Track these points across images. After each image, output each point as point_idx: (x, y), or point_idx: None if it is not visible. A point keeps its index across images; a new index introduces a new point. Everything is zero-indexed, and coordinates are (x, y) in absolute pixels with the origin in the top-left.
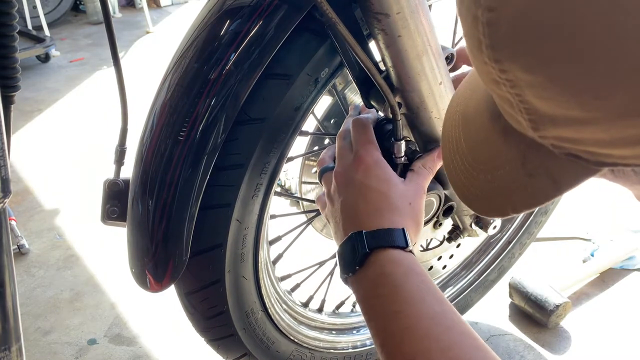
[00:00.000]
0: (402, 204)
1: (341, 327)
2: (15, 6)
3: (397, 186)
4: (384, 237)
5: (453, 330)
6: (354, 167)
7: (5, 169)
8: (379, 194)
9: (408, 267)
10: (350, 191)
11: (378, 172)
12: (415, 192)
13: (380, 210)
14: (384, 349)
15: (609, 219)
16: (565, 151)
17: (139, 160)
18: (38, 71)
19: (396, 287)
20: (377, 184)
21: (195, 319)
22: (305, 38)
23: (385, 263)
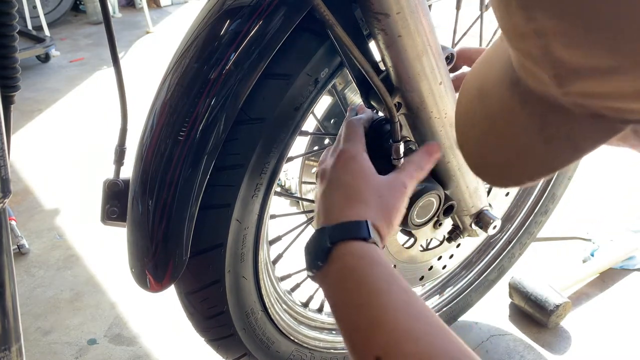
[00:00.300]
0: (371, 196)
1: None
2: (15, 6)
3: (369, 179)
4: (345, 229)
5: (421, 320)
6: (333, 164)
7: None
8: (349, 187)
9: (371, 258)
10: (327, 186)
11: (353, 167)
12: (391, 186)
13: (348, 204)
14: (353, 346)
15: (609, 219)
16: (587, 110)
17: (139, 160)
18: (38, 71)
19: (360, 280)
20: (350, 179)
21: (195, 319)
22: (305, 38)
23: (347, 256)
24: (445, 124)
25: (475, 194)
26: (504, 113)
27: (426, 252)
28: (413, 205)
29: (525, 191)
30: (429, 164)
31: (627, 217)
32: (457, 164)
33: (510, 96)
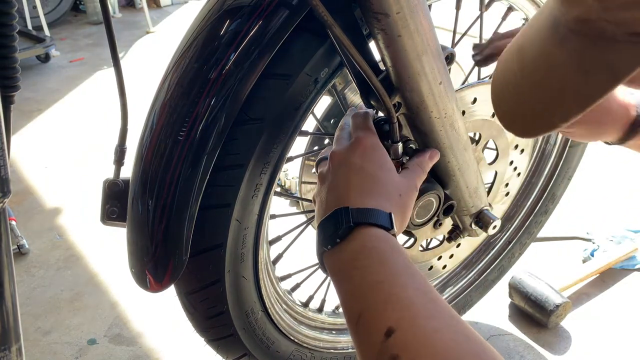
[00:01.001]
0: (394, 193)
1: (341, 327)
2: (15, 6)
3: (391, 174)
4: (370, 215)
5: (438, 303)
6: (351, 149)
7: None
8: (373, 177)
9: (392, 245)
10: (344, 170)
11: (375, 157)
12: (408, 186)
13: (371, 192)
14: (362, 320)
15: (609, 219)
16: (626, 28)
17: (139, 160)
18: (38, 71)
19: (380, 259)
20: (372, 168)
21: (195, 319)
22: (305, 38)
23: (368, 237)
24: (445, 123)
25: (475, 194)
26: (542, 59)
27: (426, 252)
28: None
29: (525, 191)
30: (429, 167)
31: (627, 217)
32: (457, 163)
33: (549, 41)
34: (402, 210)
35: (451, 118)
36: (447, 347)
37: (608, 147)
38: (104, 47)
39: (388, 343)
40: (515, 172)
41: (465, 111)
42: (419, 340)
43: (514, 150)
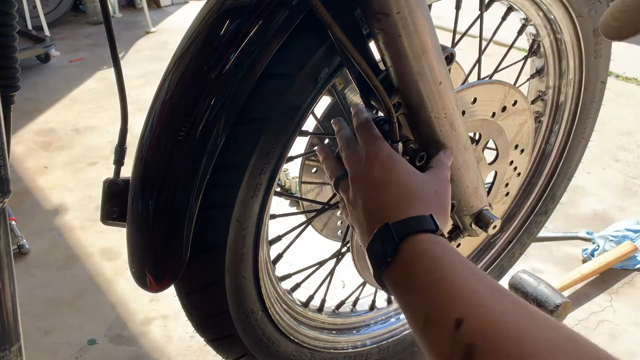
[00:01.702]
0: (427, 192)
1: (341, 327)
2: (15, 6)
3: (417, 176)
4: (412, 223)
5: (501, 290)
6: (369, 166)
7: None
8: (400, 185)
9: (442, 245)
10: (370, 190)
11: (394, 165)
12: (440, 181)
13: (405, 200)
14: (428, 319)
15: (609, 219)
16: None
17: (139, 160)
18: (38, 71)
19: (433, 260)
20: (396, 177)
21: (195, 319)
22: (305, 38)
23: (417, 245)
24: (445, 123)
25: (475, 194)
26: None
27: None
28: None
29: (525, 191)
30: (450, 162)
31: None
32: (457, 164)
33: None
34: (441, 206)
35: (451, 118)
36: (520, 327)
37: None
38: (104, 47)
39: (460, 333)
40: (515, 172)
41: (465, 111)
42: (490, 324)
43: (514, 150)
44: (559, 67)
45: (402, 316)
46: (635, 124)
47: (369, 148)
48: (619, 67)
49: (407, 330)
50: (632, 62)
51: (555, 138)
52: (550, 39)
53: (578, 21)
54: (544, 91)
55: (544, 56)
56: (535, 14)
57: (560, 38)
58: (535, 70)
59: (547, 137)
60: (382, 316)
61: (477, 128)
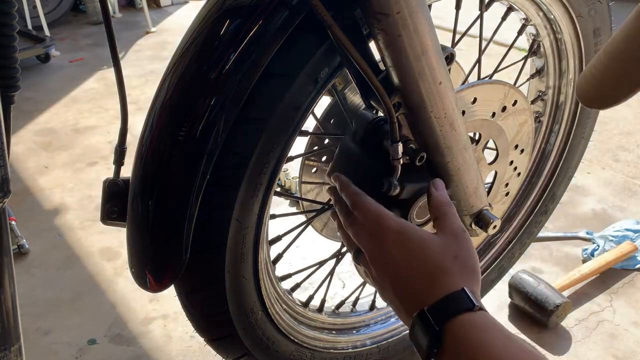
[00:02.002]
0: (448, 262)
1: (341, 327)
2: (15, 6)
3: (433, 243)
4: (446, 307)
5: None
6: (382, 246)
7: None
8: (420, 261)
9: (483, 325)
10: (393, 273)
11: (408, 243)
12: (454, 239)
13: (433, 279)
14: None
15: (609, 219)
16: None
17: (139, 160)
18: (38, 71)
19: (480, 347)
20: (412, 253)
21: (195, 319)
22: (305, 38)
23: (461, 333)
24: (445, 123)
25: (475, 194)
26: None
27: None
28: (412, 205)
29: (525, 191)
30: (446, 197)
31: (627, 217)
32: (457, 164)
33: (631, 19)
34: (468, 267)
35: (451, 118)
36: None
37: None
38: (104, 47)
39: None
40: (515, 172)
41: (465, 111)
42: None
43: (514, 150)
44: (559, 67)
45: None
46: (635, 124)
47: (373, 228)
48: None
49: (407, 330)
50: None
51: (555, 138)
52: (550, 39)
53: (578, 21)
54: (544, 91)
55: (544, 56)
56: (535, 14)
57: (560, 38)
58: (535, 70)
59: (547, 137)
60: (382, 316)
61: (477, 128)
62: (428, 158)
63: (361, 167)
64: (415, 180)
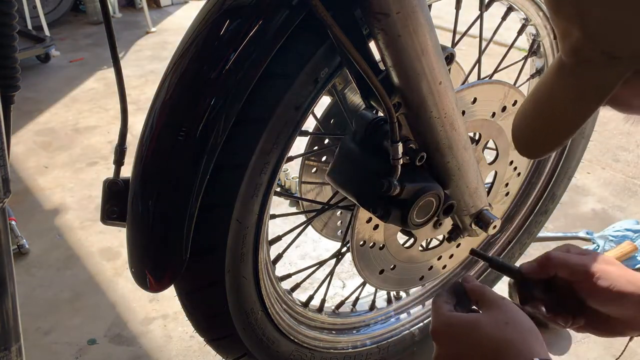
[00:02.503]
0: (501, 331)
1: (341, 327)
2: (15, 6)
3: (483, 321)
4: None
5: None
6: (441, 348)
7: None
8: (477, 345)
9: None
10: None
11: (457, 331)
12: (498, 308)
13: (496, 357)
14: None
15: (609, 219)
16: (605, 49)
17: (139, 160)
18: (38, 71)
19: None
20: (467, 339)
21: (195, 318)
22: (305, 38)
23: None
24: (445, 123)
25: (475, 194)
26: (546, 92)
27: (426, 252)
28: (413, 205)
29: (525, 191)
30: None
31: (627, 217)
32: (457, 163)
33: (553, 76)
34: (525, 329)
35: (451, 118)
36: None
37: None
38: (104, 47)
39: None
40: (515, 172)
41: (465, 111)
42: None
43: (514, 150)
44: None
45: (402, 316)
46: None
47: (432, 332)
48: None
49: (407, 330)
50: None
51: None
52: (550, 39)
53: None
54: None
55: (544, 56)
56: (535, 14)
57: None
58: (535, 70)
59: None
60: (382, 316)
61: (477, 128)
62: (428, 158)
63: (361, 167)
64: (416, 180)
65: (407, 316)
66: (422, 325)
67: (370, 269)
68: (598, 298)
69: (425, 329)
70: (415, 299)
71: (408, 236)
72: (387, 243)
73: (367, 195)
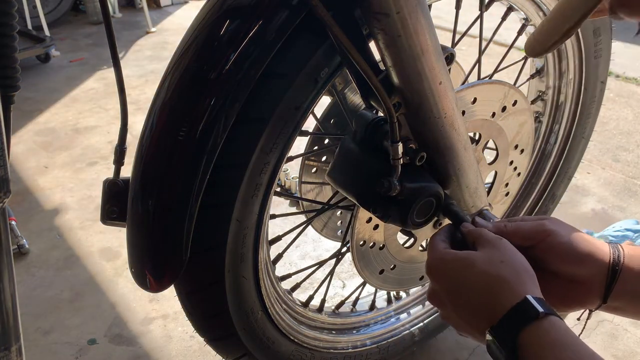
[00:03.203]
0: (496, 268)
1: (341, 327)
2: (15, 6)
3: (477, 258)
4: (514, 320)
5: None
6: (435, 283)
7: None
8: (471, 280)
9: (553, 334)
10: (451, 302)
11: (449, 266)
12: (493, 246)
13: (489, 293)
14: None
15: (609, 219)
16: None
17: (139, 160)
18: (38, 71)
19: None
20: (460, 275)
21: (195, 318)
22: (305, 37)
23: (532, 342)
24: (445, 123)
25: (475, 194)
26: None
27: (426, 252)
28: (413, 205)
29: (525, 191)
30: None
31: (627, 217)
32: (457, 163)
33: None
34: (520, 268)
35: (451, 118)
36: None
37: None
38: (104, 47)
39: None
40: (515, 172)
41: (465, 111)
42: None
43: (514, 150)
44: (559, 67)
45: (402, 316)
46: (635, 124)
47: (426, 267)
48: (619, 67)
49: (407, 330)
50: (632, 62)
51: (555, 138)
52: None
53: None
54: (544, 91)
55: (543, 56)
56: (535, 14)
57: None
58: (535, 70)
59: (547, 137)
60: (382, 316)
61: (477, 128)
62: (428, 158)
63: (361, 167)
64: (416, 180)
65: (407, 316)
66: (422, 325)
67: (370, 269)
68: (557, 257)
69: (426, 329)
70: (415, 299)
71: (408, 236)
72: (387, 243)
73: (367, 195)
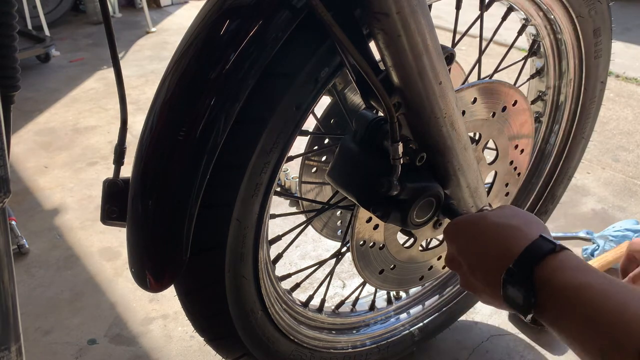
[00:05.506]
0: (507, 219)
1: (341, 327)
2: (15, 6)
3: (487, 214)
4: (530, 256)
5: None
6: (450, 248)
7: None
8: (483, 233)
9: (573, 265)
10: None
11: (462, 224)
12: (500, 208)
13: (502, 242)
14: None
15: (609, 219)
16: None
17: (139, 160)
18: (38, 71)
19: (579, 289)
20: (472, 230)
21: (195, 318)
22: (305, 37)
23: (552, 278)
24: (445, 123)
25: (476, 194)
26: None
27: (426, 252)
28: (413, 205)
29: (525, 191)
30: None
31: (627, 217)
32: (457, 163)
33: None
34: (531, 219)
35: (451, 118)
36: None
37: (606, 142)
38: (104, 47)
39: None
40: (515, 172)
41: (465, 111)
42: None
43: (514, 150)
44: (559, 67)
45: (402, 316)
46: (635, 124)
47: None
48: (619, 67)
49: (407, 330)
50: (632, 62)
51: (555, 138)
52: (550, 39)
53: (578, 21)
54: (544, 91)
55: (544, 56)
56: (535, 14)
57: (560, 38)
58: (535, 70)
59: (547, 137)
60: (382, 316)
61: (477, 128)
62: (428, 158)
63: (361, 167)
64: (416, 180)
65: (407, 316)
66: (421, 325)
67: (370, 269)
68: None
69: (425, 329)
70: (415, 299)
71: (408, 236)
72: (387, 243)
73: (367, 195)
